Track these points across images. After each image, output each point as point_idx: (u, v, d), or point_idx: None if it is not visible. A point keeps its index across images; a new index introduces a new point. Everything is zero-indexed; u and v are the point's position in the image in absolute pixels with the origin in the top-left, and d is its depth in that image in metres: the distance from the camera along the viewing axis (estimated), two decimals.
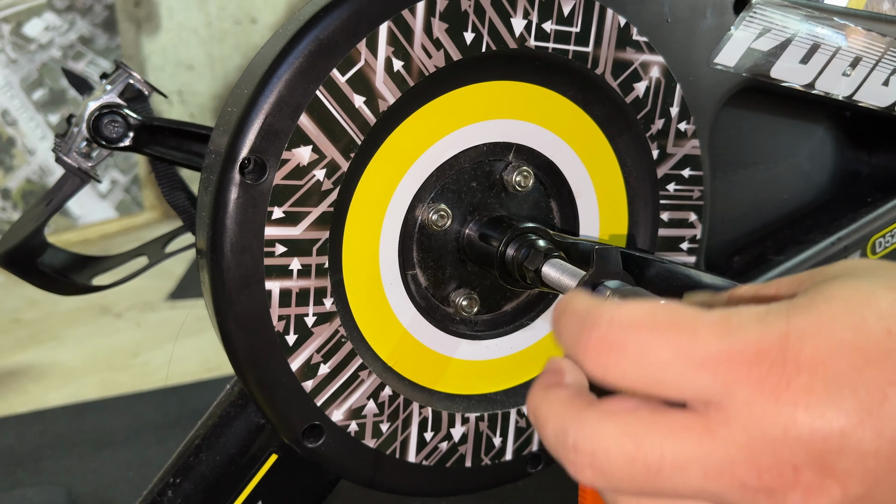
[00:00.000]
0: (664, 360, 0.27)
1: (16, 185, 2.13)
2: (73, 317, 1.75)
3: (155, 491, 0.60)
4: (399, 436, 0.57)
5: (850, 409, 0.25)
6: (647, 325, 0.27)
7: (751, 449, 0.26)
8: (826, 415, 0.25)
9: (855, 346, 0.26)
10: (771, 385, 0.26)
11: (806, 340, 0.26)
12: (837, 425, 0.25)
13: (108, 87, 0.67)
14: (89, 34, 2.17)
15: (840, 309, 0.27)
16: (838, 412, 0.25)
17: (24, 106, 2.10)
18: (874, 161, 0.79)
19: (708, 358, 0.26)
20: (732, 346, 0.26)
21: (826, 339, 0.26)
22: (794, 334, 0.26)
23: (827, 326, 0.26)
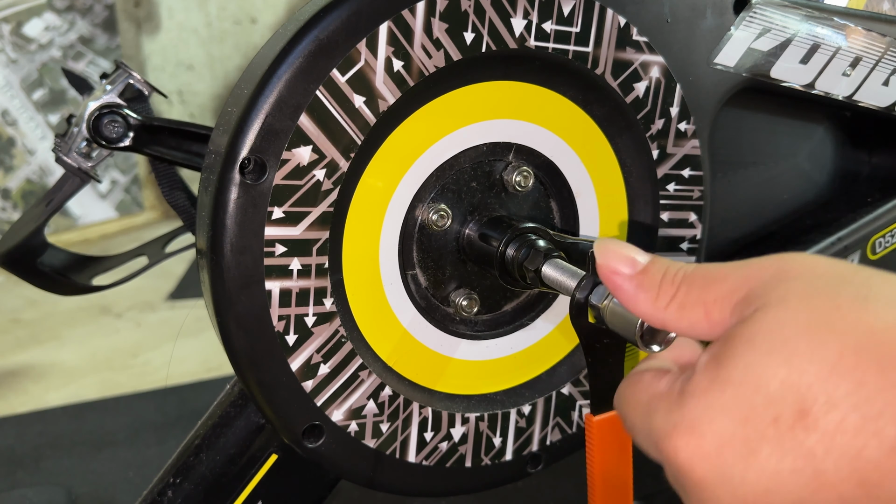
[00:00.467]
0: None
1: (16, 185, 2.13)
2: (74, 317, 1.75)
3: (155, 491, 0.60)
4: (399, 436, 0.57)
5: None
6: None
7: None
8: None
9: (741, 438, 0.28)
10: (671, 477, 0.33)
11: (694, 432, 0.30)
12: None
13: (108, 87, 0.67)
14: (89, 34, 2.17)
15: (733, 397, 0.29)
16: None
17: (24, 106, 2.10)
18: (874, 161, 0.79)
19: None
20: (648, 440, 0.33)
21: (714, 434, 0.29)
22: (686, 426, 0.30)
23: (716, 418, 0.29)
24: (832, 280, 0.30)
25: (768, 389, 0.28)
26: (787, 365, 0.28)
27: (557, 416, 0.62)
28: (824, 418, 0.27)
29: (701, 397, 0.30)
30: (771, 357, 0.28)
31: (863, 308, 0.28)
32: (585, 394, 0.63)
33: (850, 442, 0.26)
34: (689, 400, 0.30)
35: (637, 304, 0.36)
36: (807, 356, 0.28)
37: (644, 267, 0.36)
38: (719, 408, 0.29)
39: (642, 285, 0.36)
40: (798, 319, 0.29)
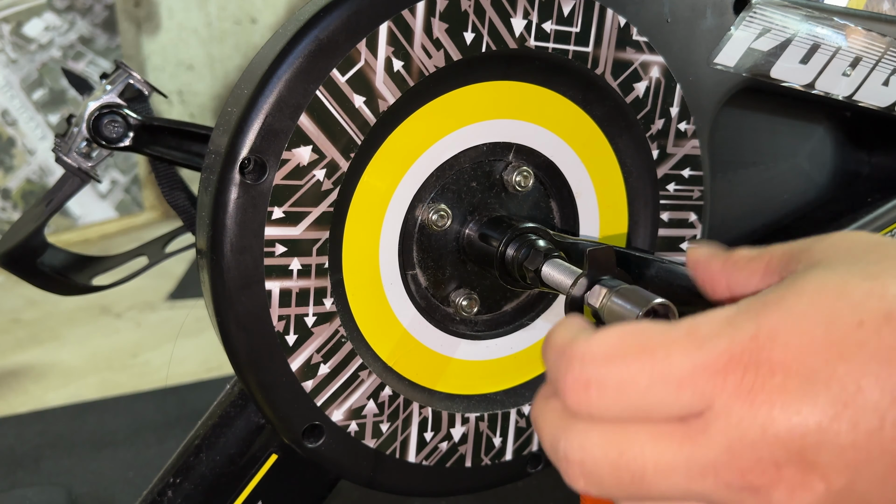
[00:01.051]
0: (643, 388, 0.27)
1: (16, 185, 2.13)
2: (74, 317, 1.75)
3: (155, 491, 0.60)
4: (399, 436, 0.57)
5: (826, 404, 0.25)
6: (620, 356, 0.27)
7: (732, 450, 0.26)
8: (802, 412, 0.25)
9: (827, 340, 0.26)
10: (746, 389, 0.26)
11: (777, 339, 0.26)
12: (814, 421, 0.25)
13: (108, 87, 0.67)
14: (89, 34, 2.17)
15: (811, 303, 0.27)
16: (813, 408, 0.25)
17: (24, 106, 2.10)
18: (874, 161, 0.79)
19: (684, 376, 0.27)
20: (706, 359, 0.26)
21: (797, 336, 0.26)
22: (765, 334, 0.26)
23: (798, 323, 0.26)
24: (865, 245, 0.30)
25: (851, 298, 0.26)
26: (871, 278, 0.27)
27: None
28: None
29: (774, 306, 0.27)
30: (852, 272, 0.27)
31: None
32: None
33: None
34: (759, 310, 0.27)
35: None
36: (891, 273, 0.27)
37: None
38: (799, 314, 0.26)
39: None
40: (854, 263, 0.28)
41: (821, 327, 0.26)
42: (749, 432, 0.26)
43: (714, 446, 0.26)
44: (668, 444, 0.27)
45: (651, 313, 0.38)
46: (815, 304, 0.27)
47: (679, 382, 0.27)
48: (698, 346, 0.27)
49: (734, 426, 0.26)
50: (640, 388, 0.27)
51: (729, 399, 0.26)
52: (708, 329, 0.27)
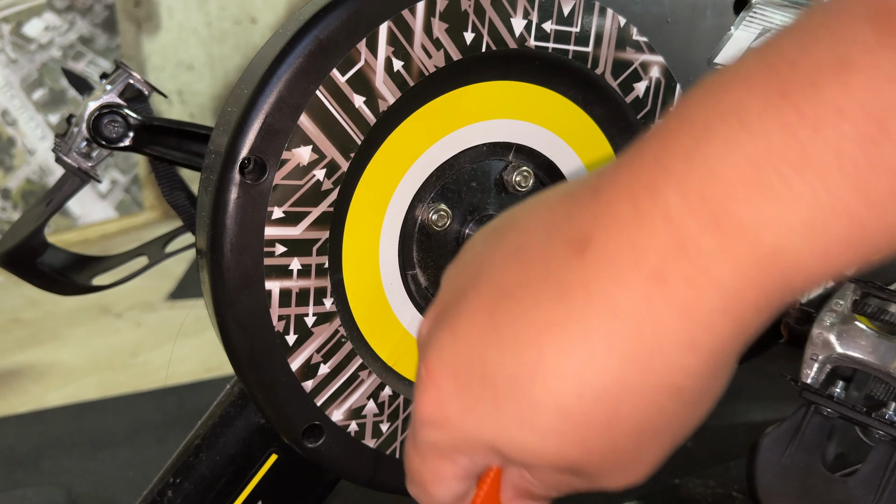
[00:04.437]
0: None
1: (16, 185, 2.13)
2: (73, 317, 1.75)
3: (155, 491, 0.60)
4: (399, 436, 0.57)
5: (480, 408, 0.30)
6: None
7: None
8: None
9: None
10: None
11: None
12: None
13: (108, 87, 0.67)
14: (89, 34, 2.17)
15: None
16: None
17: (23, 106, 2.10)
18: None
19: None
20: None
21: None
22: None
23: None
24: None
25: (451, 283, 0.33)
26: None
27: None
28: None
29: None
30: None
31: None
32: None
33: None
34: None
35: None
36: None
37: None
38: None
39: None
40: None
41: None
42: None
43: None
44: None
45: None
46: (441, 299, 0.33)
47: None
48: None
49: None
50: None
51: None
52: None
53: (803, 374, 0.57)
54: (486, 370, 0.29)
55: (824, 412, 0.57)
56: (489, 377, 0.29)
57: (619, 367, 0.27)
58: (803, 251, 0.25)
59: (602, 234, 0.27)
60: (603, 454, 0.29)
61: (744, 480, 0.62)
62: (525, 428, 0.28)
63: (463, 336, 0.30)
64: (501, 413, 0.29)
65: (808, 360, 0.57)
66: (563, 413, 0.28)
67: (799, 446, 0.58)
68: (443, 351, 0.31)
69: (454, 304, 0.31)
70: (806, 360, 0.57)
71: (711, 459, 0.93)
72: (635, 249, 0.27)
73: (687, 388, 0.28)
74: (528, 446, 0.29)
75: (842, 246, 0.25)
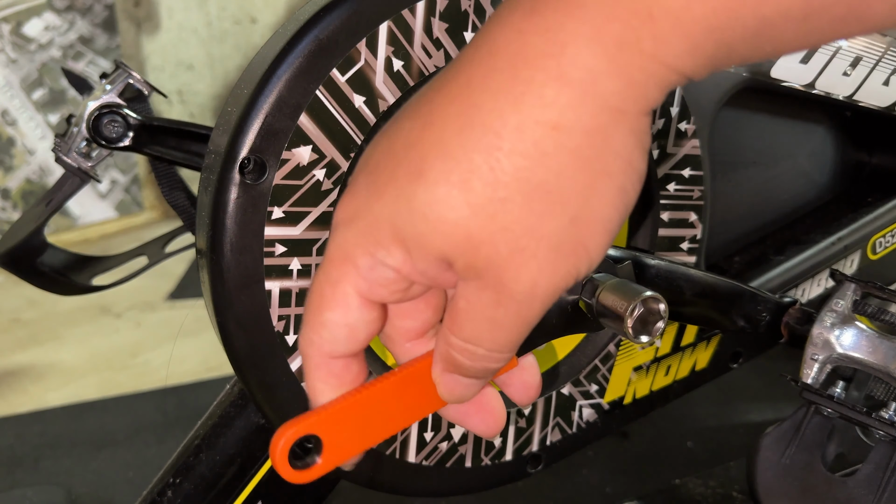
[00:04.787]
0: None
1: (15, 185, 2.13)
2: (73, 317, 1.75)
3: (155, 491, 0.60)
4: (399, 436, 0.57)
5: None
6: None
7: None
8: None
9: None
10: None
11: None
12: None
13: (108, 87, 0.67)
14: (89, 34, 2.17)
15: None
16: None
17: (23, 106, 2.10)
18: (874, 161, 0.79)
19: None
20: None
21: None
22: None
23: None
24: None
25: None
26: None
27: (557, 417, 0.62)
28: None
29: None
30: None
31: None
32: (586, 394, 0.63)
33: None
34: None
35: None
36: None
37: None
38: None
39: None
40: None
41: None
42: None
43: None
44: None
45: (641, 306, 0.38)
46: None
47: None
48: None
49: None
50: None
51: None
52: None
53: (803, 374, 0.57)
54: (394, 161, 0.31)
55: (824, 412, 0.57)
56: (396, 166, 0.31)
57: (516, 131, 0.29)
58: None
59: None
60: (496, 221, 0.29)
61: (744, 480, 0.62)
62: (427, 202, 0.29)
63: (380, 140, 0.32)
64: (405, 191, 0.30)
65: (809, 360, 0.57)
66: (460, 185, 0.29)
67: (799, 446, 0.58)
68: (363, 157, 0.33)
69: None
70: (806, 360, 0.57)
71: (711, 459, 0.93)
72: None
73: (565, 127, 0.29)
74: (429, 218, 0.30)
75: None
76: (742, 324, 0.60)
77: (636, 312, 0.38)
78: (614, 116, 0.29)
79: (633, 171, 0.30)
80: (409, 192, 0.30)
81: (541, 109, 0.29)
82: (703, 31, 0.28)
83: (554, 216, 0.29)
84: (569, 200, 0.29)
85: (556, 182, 0.29)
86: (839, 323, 0.56)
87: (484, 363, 0.33)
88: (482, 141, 0.29)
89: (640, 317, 0.38)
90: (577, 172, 0.29)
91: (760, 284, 0.68)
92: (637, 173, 0.30)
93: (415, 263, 0.31)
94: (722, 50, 0.29)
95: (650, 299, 0.39)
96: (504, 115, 0.29)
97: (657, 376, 0.67)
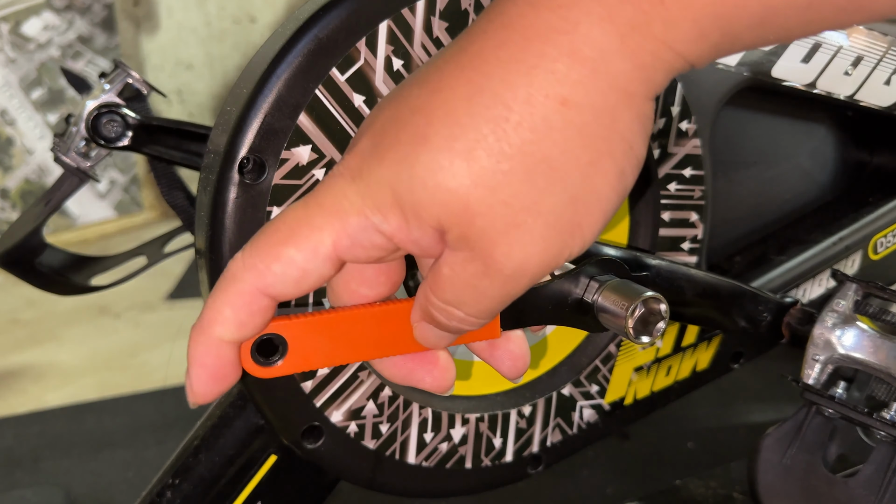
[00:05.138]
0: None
1: (14, 185, 2.12)
2: (72, 317, 1.75)
3: (154, 492, 0.60)
4: (399, 437, 0.57)
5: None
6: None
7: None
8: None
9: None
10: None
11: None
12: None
13: (107, 87, 0.67)
14: (88, 33, 2.17)
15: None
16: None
17: (22, 105, 2.10)
18: (876, 161, 0.79)
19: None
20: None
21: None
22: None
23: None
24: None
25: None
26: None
27: (558, 417, 0.62)
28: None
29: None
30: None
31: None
32: (586, 394, 0.63)
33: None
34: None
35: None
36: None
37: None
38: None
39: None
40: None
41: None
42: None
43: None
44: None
45: (643, 306, 0.38)
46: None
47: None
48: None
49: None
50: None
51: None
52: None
53: (805, 374, 0.56)
54: (399, 124, 0.31)
55: (826, 413, 0.56)
56: (400, 129, 0.30)
57: (525, 104, 0.28)
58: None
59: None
60: (496, 194, 0.29)
61: (745, 481, 0.61)
62: (429, 168, 0.29)
63: (387, 104, 0.32)
64: (408, 156, 0.30)
65: (810, 360, 0.56)
66: (464, 154, 0.29)
67: (800, 447, 0.57)
68: (368, 119, 0.32)
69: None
70: (807, 360, 0.57)
71: (712, 460, 0.93)
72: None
73: (575, 103, 0.28)
74: (428, 185, 0.29)
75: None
76: (743, 324, 0.60)
77: (637, 313, 0.38)
78: (623, 98, 0.29)
79: (634, 155, 0.30)
80: (411, 156, 0.30)
81: (552, 84, 0.29)
82: (710, 17, 0.28)
83: (554, 193, 0.29)
84: (570, 178, 0.29)
85: (561, 158, 0.29)
86: (840, 323, 0.56)
87: (460, 324, 0.33)
88: (491, 110, 0.29)
89: (641, 317, 0.38)
90: (582, 150, 0.29)
91: (761, 284, 0.67)
92: (637, 158, 0.30)
93: (410, 231, 0.31)
94: (727, 38, 0.29)
95: (651, 299, 0.38)
96: (515, 86, 0.29)
97: (658, 377, 0.67)
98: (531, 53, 0.29)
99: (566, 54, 0.28)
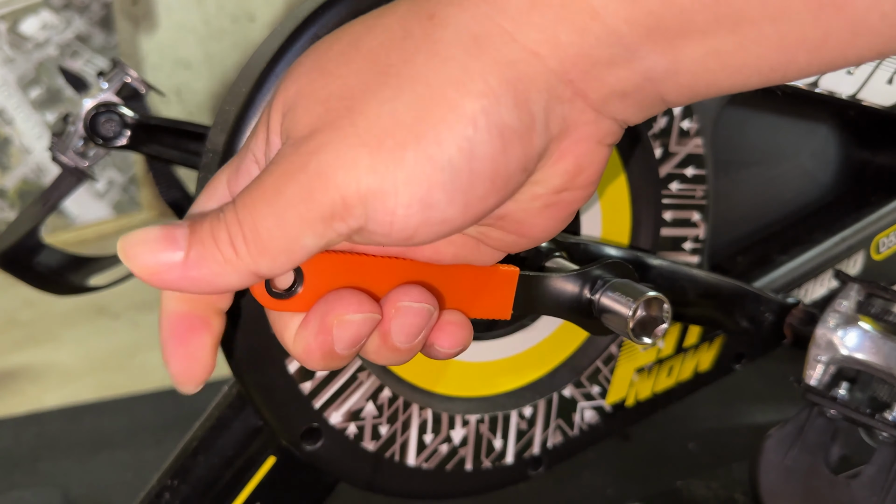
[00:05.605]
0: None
1: (12, 185, 2.12)
2: (70, 317, 1.74)
3: (152, 493, 0.59)
4: (398, 438, 0.56)
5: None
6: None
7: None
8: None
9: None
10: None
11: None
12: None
13: (105, 86, 0.67)
14: (86, 32, 2.17)
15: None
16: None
17: (20, 104, 2.10)
18: (878, 160, 0.79)
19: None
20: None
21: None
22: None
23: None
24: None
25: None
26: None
27: (558, 419, 0.62)
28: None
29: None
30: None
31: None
32: (587, 396, 0.63)
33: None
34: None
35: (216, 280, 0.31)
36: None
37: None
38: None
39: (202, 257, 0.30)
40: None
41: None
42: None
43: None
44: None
45: (644, 306, 0.38)
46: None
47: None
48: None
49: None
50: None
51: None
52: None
53: (807, 375, 0.56)
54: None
55: (828, 413, 0.56)
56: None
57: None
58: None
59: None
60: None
61: (747, 482, 0.61)
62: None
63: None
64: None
65: (812, 361, 0.56)
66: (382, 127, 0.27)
67: (802, 448, 0.57)
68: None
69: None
70: (810, 361, 0.56)
71: (714, 461, 0.93)
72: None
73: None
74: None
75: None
76: (745, 325, 0.60)
77: (639, 313, 0.38)
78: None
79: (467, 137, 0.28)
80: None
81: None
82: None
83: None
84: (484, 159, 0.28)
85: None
86: (843, 324, 0.55)
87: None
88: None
89: (643, 317, 0.38)
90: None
91: (764, 285, 0.67)
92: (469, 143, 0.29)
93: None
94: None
95: (653, 300, 0.38)
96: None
97: (659, 378, 0.66)
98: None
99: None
